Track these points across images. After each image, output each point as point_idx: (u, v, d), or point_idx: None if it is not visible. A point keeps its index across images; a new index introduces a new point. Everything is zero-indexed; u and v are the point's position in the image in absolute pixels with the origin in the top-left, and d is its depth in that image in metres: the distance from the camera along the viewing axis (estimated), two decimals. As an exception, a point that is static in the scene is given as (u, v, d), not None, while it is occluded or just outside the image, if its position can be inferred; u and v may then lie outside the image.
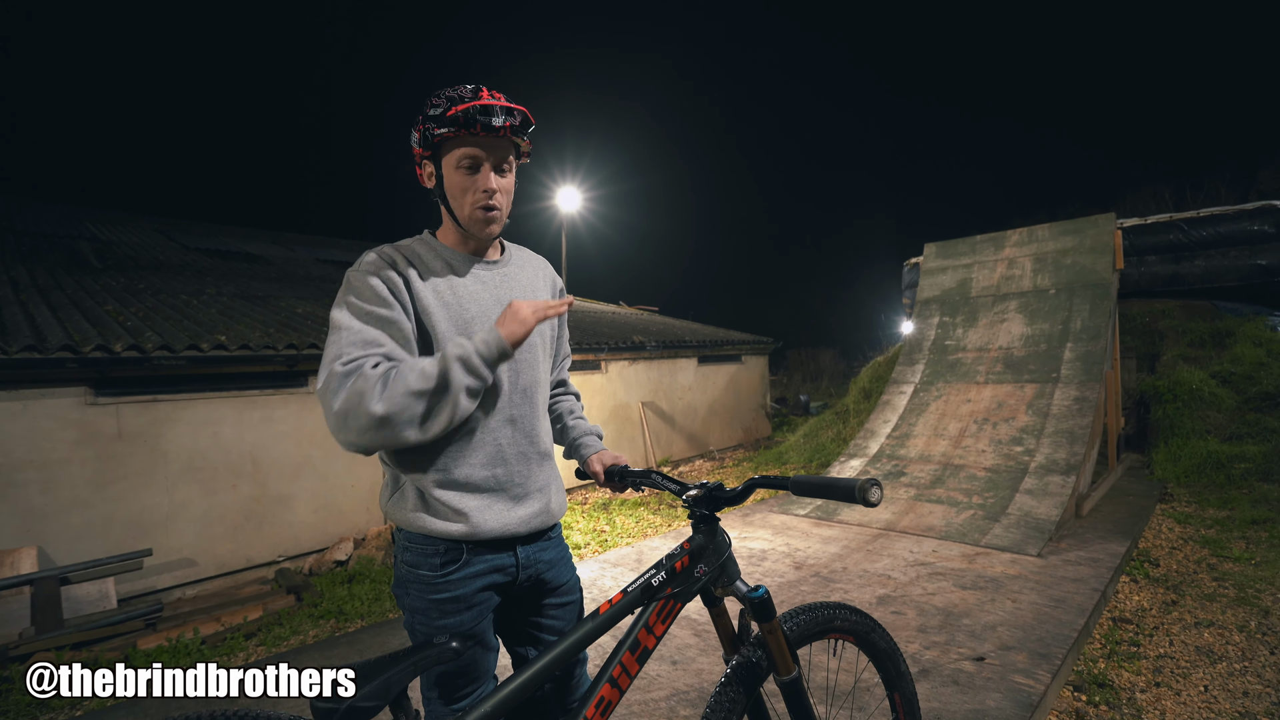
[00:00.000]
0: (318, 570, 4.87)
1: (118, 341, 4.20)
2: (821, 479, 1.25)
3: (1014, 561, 3.89)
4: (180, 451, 4.50)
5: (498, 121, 1.20)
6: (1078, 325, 5.84)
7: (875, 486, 1.16)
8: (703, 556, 1.31)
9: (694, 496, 1.33)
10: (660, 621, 1.25)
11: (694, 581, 1.28)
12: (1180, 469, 6.05)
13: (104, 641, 3.60)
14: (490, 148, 1.24)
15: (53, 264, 6.81)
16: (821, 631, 1.44)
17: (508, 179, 1.29)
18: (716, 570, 1.31)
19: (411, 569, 1.26)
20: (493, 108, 1.20)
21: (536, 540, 1.35)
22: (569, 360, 1.63)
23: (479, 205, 1.25)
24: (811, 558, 4.14)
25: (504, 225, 1.32)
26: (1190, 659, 2.84)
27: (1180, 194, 12.00)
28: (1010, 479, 4.94)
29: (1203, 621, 3.19)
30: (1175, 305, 8.47)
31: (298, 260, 10.56)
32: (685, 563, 1.29)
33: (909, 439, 5.90)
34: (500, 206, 1.27)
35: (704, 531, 1.32)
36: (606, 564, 4.20)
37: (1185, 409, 6.68)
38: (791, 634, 1.37)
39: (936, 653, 2.77)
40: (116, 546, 4.18)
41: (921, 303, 7.20)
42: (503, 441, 1.29)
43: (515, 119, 1.23)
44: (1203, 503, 5.28)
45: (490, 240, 1.33)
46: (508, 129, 1.22)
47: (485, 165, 1.24)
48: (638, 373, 8.88)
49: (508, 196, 1.30)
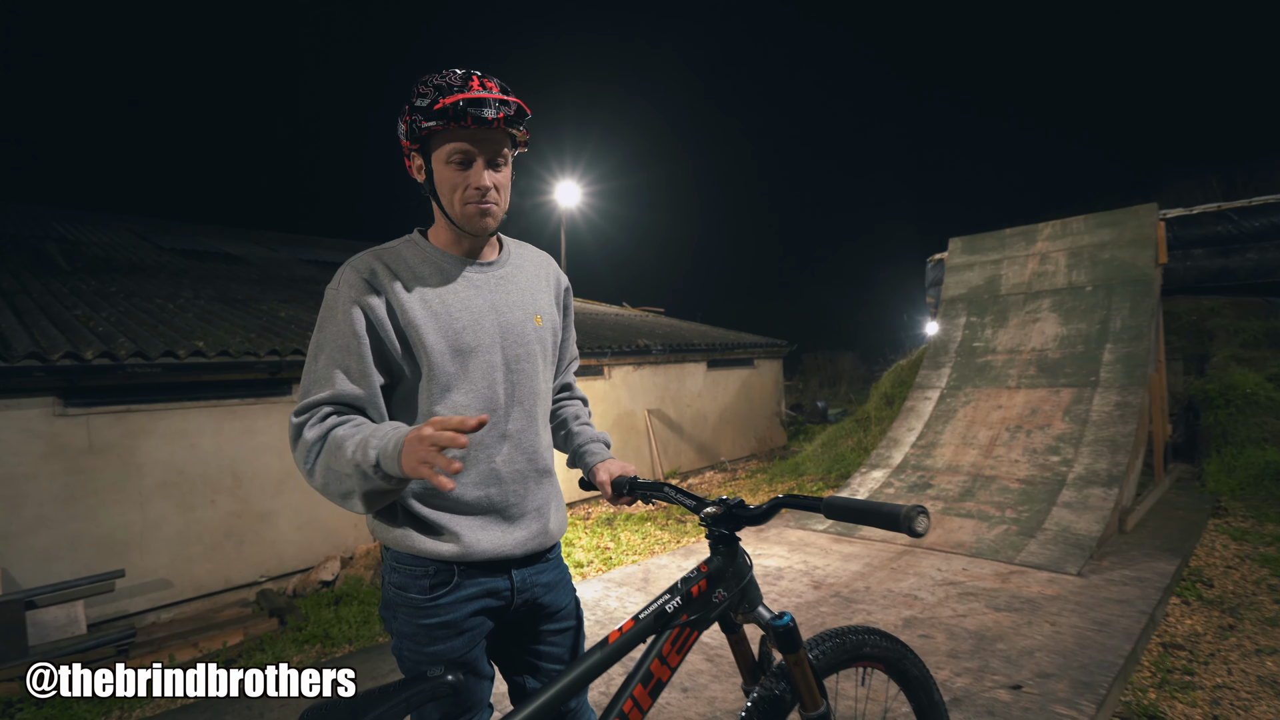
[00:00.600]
0: (302, 591, 4.87)
1: (88, 348, 4.22)
2: (860, 503, 1.17)
3: (1052, 581, 3.85)
4: (155, 465, 4.51)
5: (490, 114, 1.17)
6: (1118, 325, 5.79)
7: (922, 515, 1.10)
8: (722, 580, 1.27)
9: (712, 514, 1.28)
10: (675, 651, 1.22)
11: (712, 608, 1.25)
12: (1235, 480, 5.97)
13: (73, 669, 3.60)
14: (482, 141, 1.20)
15: (17, 266, 6.86)
16: (850, 660, 1.41)
17: (503, 173, 1.26)
18: (737, 595, 1.27)
19: (399, 591, 1.25)
20: (485, 100, 1.17)
21: (534, 562, 1.34)
22: (576, 363, 1.61)
23: (471, 201, 1.23)
24: (831, 576, 4.10)
25: (501, 220, 1.30)
26: (1252, 690, 2.79)
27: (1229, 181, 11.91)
28: (1046, 491, 4.90)
29: (1264, 649, 3.13)
30: (1225, 302, 8.40)
31: (280, 261, 10.62)
32: (702, 587, 1.25)
33: (935, 448, 5.86)
34: (496, 202, 1.25)
35: (723, 553, 1.29)
36: (611, 583, 4.18)
37: (1239, 415, 6.60)
38: (818, 663, 1.33)
39: (969, 680, 2.73)
40: (86, 567, 4.19)
41: (947, 302, 7.17)
42: (497, 459, 1.27)
43: (509, 110, 1.19)
44: (1261, 517, 5.20)
45: (485, 235, 1.30)
46: (501, 121, 1.18)
47: (478, 160, 1.21)
48: (643, 378, 8.86)
49: (504, 192, 1.27)
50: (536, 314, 1.35)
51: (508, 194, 1.29)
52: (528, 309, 1.34)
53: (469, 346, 1.24)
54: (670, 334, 10.54)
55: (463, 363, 1.24)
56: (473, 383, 1.25)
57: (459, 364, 1.24)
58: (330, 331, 1.20)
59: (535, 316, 1.35)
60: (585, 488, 1.53)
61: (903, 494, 5.46)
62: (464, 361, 1.24)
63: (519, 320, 1.32)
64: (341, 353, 1.18)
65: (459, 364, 1.24)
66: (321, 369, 1.18)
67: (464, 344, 1.24)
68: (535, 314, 1.35)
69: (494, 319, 1.28)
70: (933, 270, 10.75)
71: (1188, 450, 7.00)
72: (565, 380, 1.57)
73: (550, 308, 1.41)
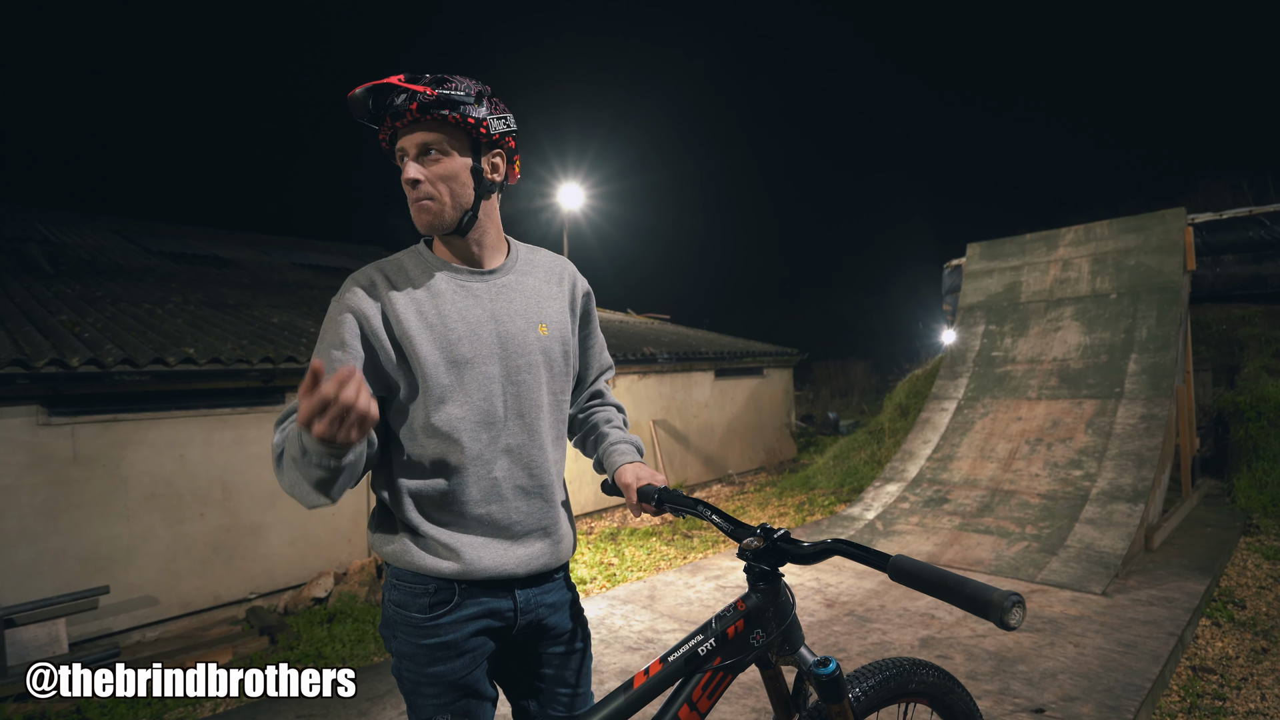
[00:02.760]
0: (294, 608, 4.88)
1: (74, 355, 4.26)
2: (937, 573, 1.00)
3: (1075, 600, 3.85)
4: (142, 477, 4.53)
5: (399, 103, 1.18)
6: (1143, 334, 5.80)
7: (1019, 607, 0.93)
8: (760, 621, 1.20)
9: (755, 548, 1.19)
10: (706, 696, 1.17)
11: (749, 650, 1.19)
12: (1267, 496, 5.96)
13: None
14: (405, 133, 1.23)
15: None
16: (894, 698, 1.36)
17: (439, 165, 1.23)
18: (778, 638, 1.20)
19: (400, 609, 1.26)
20: (387, 87, 1.18)
21: (539, 583, 1.34)
22: (611, 372, 1.60)
23: (410, 199, 1.25)
24: (845, 594, 4.11)
25: (452, 217, 1.26)
26: (1282, 713, 2.79)
27: (1261, 185, 11.89)
28: (1069, 507, 4.89)
29: (1296, 671, 3.13)
30: (1257, 311, 8.38)
31: (273, 265, 10.69)
32: (739, 628, 1.18)
33: (952, 461, 5.87)
34: (430, 196, 1.23)
35: (763, 591, 1.21)
36: (616, 600, 4.19)
37: (1272, 428, 6.59)
38: (859, 705, 1.28)
39: (989, 703, 2.74)
40: (69, 584, 4.20)
41: (964, 309, 7.19)
42: (498, 475, 1.28)
43: (426, 97, 1.18)
44: (1293, 535, 5.19)
45: (438, 234, 1.29)
46: (414, 110, 1.18)
47: (409, 154, 1.23)
48: (648, 388, 8.89)
49: (445, 184, 1.24)
50: (542, 323, 1.34)
51: (453, 187, 1.25)
52: (531, 318, 1.33)
53: (464, 358, 1.25)
54: (676, 342, 10.57)
55: (458, 374, 1.24)
56: (468, 394, 1.25)
57: (454, 375, 1.24)
58: (324, 344, 1.23)
59: (540, 325, 1.34)
60: (608, 491, 1.49)
61: (918, 509, 5.46)
62: (459, 373, 1.25)
63: (520, 330, 1.31)
64: (327, 362, 1.20)
65: (454, 375, 1.24)
66: None
67: (459, 355, 1.25)
68: (540, 323, 1.34)
69: (493, 329, 1.29)
70: (950, 277, 10.77)
71: (1216, 465, 6.98)
72: (597, 388, 1.57)
73: (560, 315, 1.40)
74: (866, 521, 5.51)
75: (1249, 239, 8.26)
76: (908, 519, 5.39)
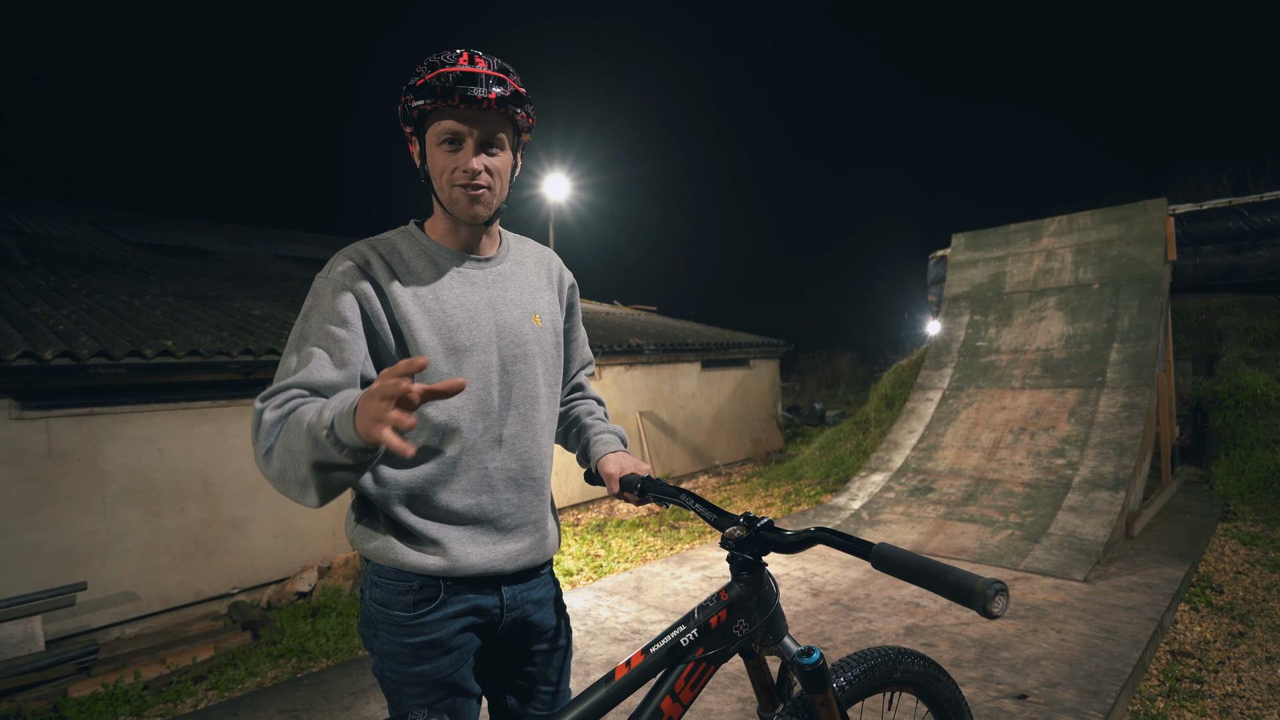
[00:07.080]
0: (277, 603, 4.84)
1: (48, 348, 4.17)
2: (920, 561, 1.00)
3: (1057, 587, 3.89)
4: (120, 471, 4.46)
5: (479, 92, 1.14)
6: (1125, 324, 5.86)
7: (1002, 595, 0.93)
8: (744, 611, 1.19)
9: (738, 538, 1.19)
10: (689, 688, 1.16)
11: (732, 640, 1.19)
12: (1244, 484, 6.06)
13: (29, 689, 3.55)
14: (474, 121, 1.17)
15: (-25, 261, 6.77)
16: (879, 687, 1.36)
17: (499, 158, 1.22)
18: (761, 627, 1.21)
19: (382, 608, 1.22)
20: (475, 75, 1.14)
21: (526, 578, 1.32)
22: (591, 367, 1.59)
23: (459, 184, 1.20)
24: (830, 583, 4.12)
25: (498, 210, 1.26)
26: (1263, 699, 2.83)
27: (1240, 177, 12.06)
28: (1051, 495, 4.94)
29: (1275, 656, 3.18)
30: (1236, 301, 8.51)
31: (254, 256, 10.55)
32: (722, 618, 1.18)
33: (937, 451, 5.90)
34: (488, 187, 1.21)
35: (746, 580, 1.20)
36: (602, 592, 4.18)
37: (1249, 416, 6.69)
38: (844, 694, 1.28)
39: (973, 689, 2.76)
40: (45, 580, 4.14)
41: (949, 300, 7.22)
42: (490, 466, 1.25)
43: (504, 90, 1.17)
44: (1271, 522, 5.27)
45: (479, 226, 1.27)
46: (493, 101, 1.15)
47: (469, 141, 1.18)
48: (635, 379, 8.87)
49: (500, 178, 1.23)
50: (535, 313, 1.33)
51: (505, 182, 1.25)
52: (526, 308, 1.32)
53: (464, 346, 1.23)
54: (663, 333, 10.55)
55: (457, 362, 1.22)
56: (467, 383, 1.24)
57: (453, 364, 1.22)
58: (315, 319, 1.16)
59: (534, 316, 1.33)
60: (591, 481, 1.47)
61: (904, 498, 5.50)
62: (458, 361, 1.22)
63: (516, 319, 1.29)
64: (326, 338, 1.13)
65: (453, 364, 1.22)
66: (301, 355, 1.13)
67: (459, 343, 1.22)
68: (534, 313, 1.33)
69: (490, 317, 1.26)
70: (935, 267, 10.83)
71: (1195, 453, 7.09)
72: (578, 382, 1.55)
73: (551, 306, 1.39)
74: (852, 511, 5.53)
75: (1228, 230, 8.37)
76: (893, 508, 5.42)
